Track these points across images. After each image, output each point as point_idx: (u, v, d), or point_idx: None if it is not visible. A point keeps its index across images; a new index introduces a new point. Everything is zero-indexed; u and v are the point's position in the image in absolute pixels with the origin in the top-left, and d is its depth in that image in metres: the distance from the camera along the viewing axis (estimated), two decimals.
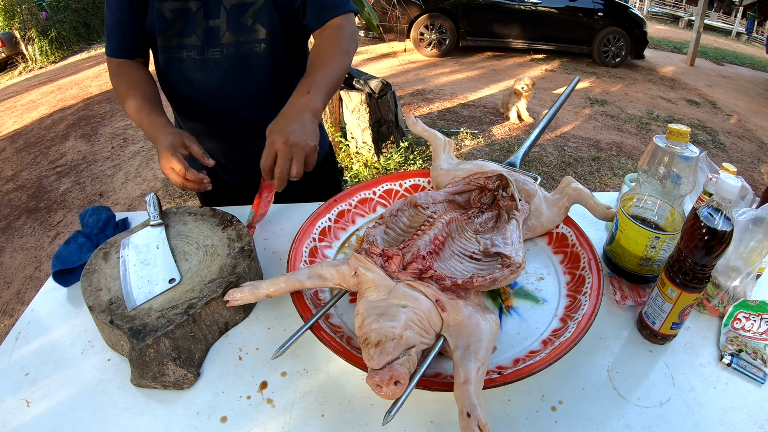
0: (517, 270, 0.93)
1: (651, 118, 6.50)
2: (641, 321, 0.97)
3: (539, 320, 0.96)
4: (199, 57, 1.32)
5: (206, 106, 1.40)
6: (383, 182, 1.29)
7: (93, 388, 0.90)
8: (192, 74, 1.34)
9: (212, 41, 1.30)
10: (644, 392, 0.87)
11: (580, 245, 1.08)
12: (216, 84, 1.35)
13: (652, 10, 19.53)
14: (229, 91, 1.37)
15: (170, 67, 1.36)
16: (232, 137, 1.47)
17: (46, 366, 0.95)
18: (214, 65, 1.32)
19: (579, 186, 1.14)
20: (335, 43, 1.29)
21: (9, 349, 1.00)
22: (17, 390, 0.91)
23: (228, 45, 1.31)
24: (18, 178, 5.09)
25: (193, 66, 1.33)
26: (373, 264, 0.87)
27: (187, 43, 1.31)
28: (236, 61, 1.33)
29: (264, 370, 0.92)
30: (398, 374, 0.69)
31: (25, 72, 10.02)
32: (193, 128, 1.47)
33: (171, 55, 1.34)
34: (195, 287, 0.97)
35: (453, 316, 0.82)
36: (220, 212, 1.20)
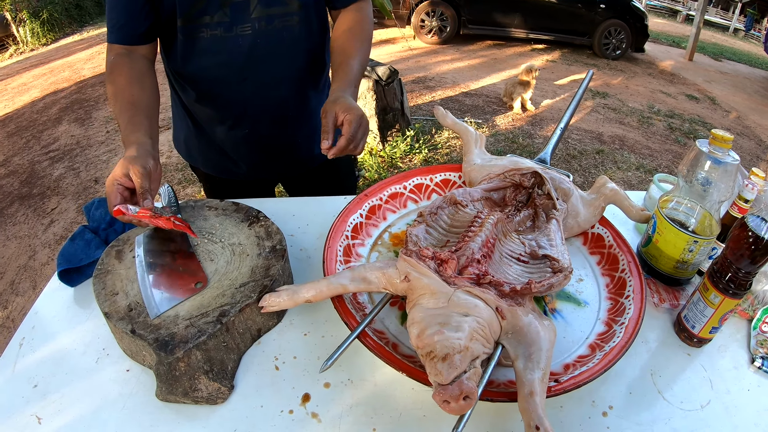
0: (570, 275, 0.89)
1: (652, 112, 6.46)
2: (680, 324, 0.96)
3: (583, 323, 0.95)
4: (226, 34, 1.22)
5: (230, 89, 1.31)
6: (414, 176, 1.24)
7: (112, 402, 0.82)
8: (216, 55, 1.25)
9: (241, 16, 1.21)
10: (686, 395, 0.86)
11: (617, 247, 1.06)
12: (244, 63, 1.26)
13: (650, 3, 19.44)
14: (259, 70, 1.28)
15: (190, 49, 1.25)
16: (255, 123, 1.38)
17: (57, 377, 0.87)
18: (243, 42, 1.23)
19: (615, 186, 1.13)
20: (363, 29, 1.28)
21: (12, 356, 0.92)
22: (26, 404, 0.83)
23: (259, 19, 1.22)
24: (9, 163, 4.96)
25: (217, 45, 1.23)
26: (427, 268, 0.81)
27: (212, 21, 1.20)
28: (268, 37, 1.24)
29: (305, 381, 0.85)
30: (468, 389, 0.66)
31: (16, 54, 9.83)
32: (210, 115, 1.39)
33: (191, 36, 1.23)
34: (225, 291, 0.89)
35: (512, 323, 0.79)
36: (244, 207, 1.12)
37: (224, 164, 1.50)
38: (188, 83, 1.33)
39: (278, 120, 1.36)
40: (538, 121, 5.70)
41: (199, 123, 1.43)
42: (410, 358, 0.82)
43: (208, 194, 1.68)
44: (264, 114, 1.36)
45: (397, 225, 1.16)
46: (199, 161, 1.54)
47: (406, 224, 1.16)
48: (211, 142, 1.45)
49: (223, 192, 1.59)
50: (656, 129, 5.94)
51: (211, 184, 1.62)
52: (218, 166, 1.51)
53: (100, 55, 8.74)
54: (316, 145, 1.37)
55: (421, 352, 0.72)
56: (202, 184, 1.69)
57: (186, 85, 1.34)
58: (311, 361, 0.87)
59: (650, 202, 1.28)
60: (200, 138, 1.46)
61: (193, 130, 1.46)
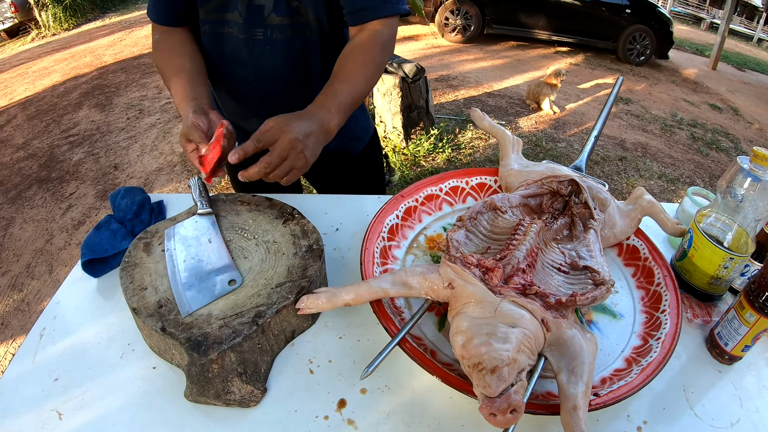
0: (611, 288, 0.86)
1: (675, 121, 6.39)
2: (712, 340, 0.94)
3: (618, 336, 0.93)
4: (240, 35, 1.22)
5: (246, 85, 1.31)
6: (450, 178, 1.21)
7: (138, 401, 0.79)
8: (233, 52, 1.25)
9: (255, 21, 1.20)
10: (717, 413, 0.84)
11: (653, 259, 1.04)
12: (257, 65, 1.26)
13: (674, 10, 19.26)
14: (270, 73, 1.28)
15: (211, 41, 1.27)
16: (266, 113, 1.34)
17: (79, 371, 0.84)
18: (255, 46, 1.23)
19: (652, 198, 1.10)
20: (369, 55, 1.16)
21: (32, 347, 0.89)
22: (46, 398, 0.80)
23: (272, 26, 1.21)
24: (29, 146, 4.99)
25: (234, 43, 1.24)
26: (472, 276, 0.79)
27: (229, 18, 1.21)
28: (280, 44, 1.23)
29: (340, 386, 0.82)
30: (516, 403, 0.64)
31: (38, 38, 9.90)
32: (230, 106, 1.40)
33: (212, 30, 1.25)
34: (261, 291, 0.86)
35: (557, 335, 0.77)
36: (279, 203, 1.09)
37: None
38: (209, 70, 1.33)
39: None
40: (561, 125, 5.64)
41: (220, 107, 1.44)
42: (449, 365, 0.80)
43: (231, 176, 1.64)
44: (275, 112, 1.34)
45: (433, 228, 1.14)
46: None
47: (441, 227, 1.14)
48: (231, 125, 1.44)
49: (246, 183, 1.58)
50: (679, 138, 5.87)
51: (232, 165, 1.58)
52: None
53: (121, 41, 8.79)
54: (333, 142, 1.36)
55: (466, 363, 0.70)
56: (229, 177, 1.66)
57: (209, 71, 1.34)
58: (347, 366, 0.84)
59: (683, 216, 1.25)
60: None
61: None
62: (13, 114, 5.87)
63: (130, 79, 6.71)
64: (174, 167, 4.35)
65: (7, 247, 3.51)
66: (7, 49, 9.42)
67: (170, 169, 4.32)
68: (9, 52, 9.14)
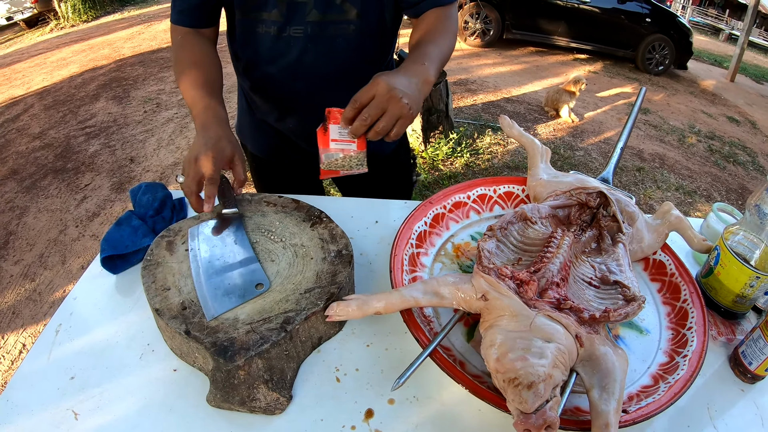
0: (643, 305, 0.85)
1: (692, 132, 6.34)
2: (736, 359, 0.93)
3: (645, 352, 0.92)
4: (279, 34, 1.20)
5: (282, 84, 1.29)
6: (477, 186, 1.20)
7: (158, 404, 0.77)
8: (270, 51, 1.23)
9: (296, 18, 1.18)
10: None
11: (679, 275, 1.04)
12: (295, 64, 1.24)
13: (693, 20, 19.16)
14: (309, 72, 1.25)
15: (246, 41, 1.25)
16: (303, 120, 1.36)
17: (96, 370, 0.82)
18: (294, 44, 1.21)
19: (680, 214, 1.09)
20: (443, 25, 1.20)
21: (48, 343, 0.87)
22: (62, 397, 0.78)
23: (313, 24, 1.18)
24: (45, 135, 5.01)
25: (271, 43, 1.22)
26: (507, 288, 0.78)
27: (267, 18, 1.19)
28: (321, 42, 1.21)
29: (368, 395, 0.80)
30: (551, 419, 0.64)
31: (57, 29, 9.98)
32: (263, 104, 1.39)
33: (248, 29, 1.23)
34: (289, 297, 0.84)
35: (589, 351, 0.76)
36: (305, 205, 1.07)
37: (273, 149, 1.49)
38: (244, 70, 1.33)
39: None
40: (579, 133, 5.61)
41: (253, 107, 1.43)
42: (478, 377, 0.79)
43: (254, 176, 1.66)
44: (313, 113, 1.31)
45: (460, 236, 1.12)
46: (248, 140, 1.54)
47: (469, 235, 1.13)
48: (261, 124, 1.45)
49: (268, 175, 1.60)
50: (696, 150, 5.82)
51: (258, 165, 1.60)
52: (266, 148, 1.51)
53: (140, 35, 8.83)
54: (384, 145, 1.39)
55: (501, 377, 0.69)
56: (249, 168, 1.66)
57: (242, 70, 1.34)
58: (374, 375, 0.82)
59: (708, 231, 1.24)
60: (251, 119, 1.47)
61: (246, 110, 1.47)
62: (30, 103, 5.90)
63: (148, 72, 6.73)
64: None
65: (21, 235, 3.52)
66: (25, 39, 9.50)
67: None
68: (27, 42, 9.22)
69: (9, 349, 2.62)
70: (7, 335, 2.71)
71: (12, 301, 2.94)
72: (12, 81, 6.90)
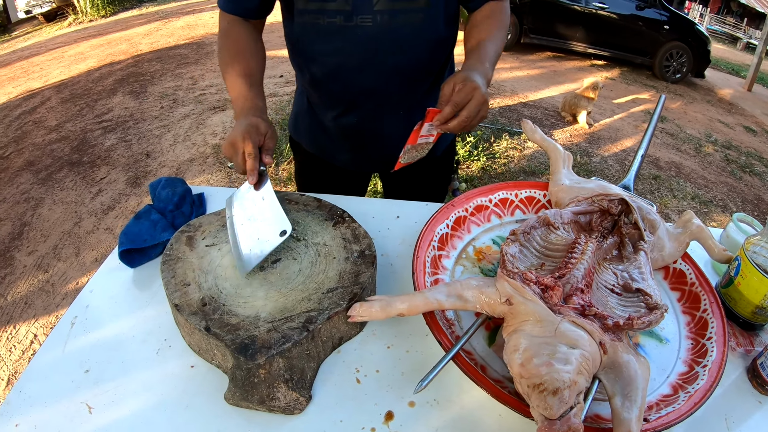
0: (665, 313, 0.84)
1: (709, 142, 6.28)
2: (754, 370, 0.92)
3: (664, 361, 0.92)
4: (346, 23, 1.18)
5: (345, 78, 1.28)
6: (499, 190, 1.19)
7: (175, 400, 0.76)
8: (334, 43, 1.21)
9: (363, 7, 1.16)
10: None
11: (699, 285, 1.03)
12: (362, 55, 1.22)
13: (711, 28, 19.05)
14: (376, 63, 1.23)
15: (306, 34, 1.24)
16: (365, 114, 1.35)
17: (112, 365, 0.82)
18: (362, 34, 1.19)
19: (701, 223, 1.08)
20: (499, 19, 1.25)
21: (63, 336, 0.87)
22: (76, 390, 0.78)
23: (382, 12, 1.16)
24: (62, 128, 5.04)
25: (336, 34, 1.20)
26: (532, 293, 0.77)
27: (331, 8, 1.17)
28: (389, 32, 1.19)
29: (388, 397, 0.79)
30: (575, 426, 0.63)
31: (75, 24, 10.07)
32: (321, 98, 1.37)
33: (310, 20, 1.21)
34: (311, 296, 0.83)
35: (612, 359, 0.75)
36: (327, 204, 1.07)
37: (327, 148, 1.48)
38: (304, 64, 1.32)
39: (389, 114, 1.31)
40: (596, 140, 5.57)
41: (311, 102, 1.42)
42: (499, 382, 0.78)
43: (301, 174, 1.65)
44: (376, 107, 1.33)
45: (481, 239, 1.11)
46: (303, 137, 1.53)
47: (490, 239, 1.12)
48: (319, 122, 1.43)
49: (316, 174, 1.59)
50: (712, 159, 5.76)
51: (308, 164, 1.59)
52: (321, 147, 1.50)
53: (158, 31, 8.88)
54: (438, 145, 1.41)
55: (525, 382, 0.68)
56: (296, 165, 1.66)
57: (302, 65, 1.33)
58: (395, 377, 0.81)
59: (728, 242, 1.23)
60: (311, 116, 1.45)
61: (305, 107, 1.45)
62: (48, 96, 5.95)
63: (165, 68, 6.77)
64: (206, 159, 4.36)
65: (35, 227, 3.54)
66: (43, 33, 9.59)
67: (202, 161, 4.33)
68: (46, 36, 9.31)
69: (20, 339, 2.64)
70: (19, 325, 2.72)
71: (25, 291, 2.96)
72: (30, 74, 6.97)
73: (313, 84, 1.34)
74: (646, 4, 8.40)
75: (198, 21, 9.60)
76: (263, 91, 1.20)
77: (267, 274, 0.88)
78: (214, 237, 0.97)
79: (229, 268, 0.89)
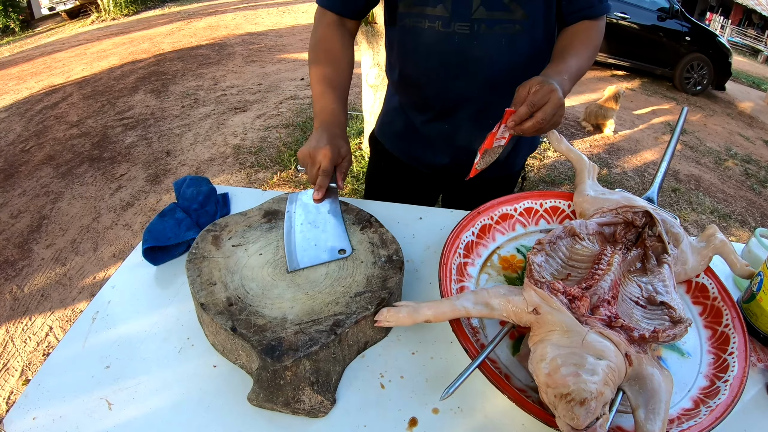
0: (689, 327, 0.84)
1: (729, 155, 6.21)
2: None
3: (686, 375, 0.91)
4: (443, 29, 1.19)
5: (440, 83, 1.28)
6: (524, 199, 1.19)
7: (196, 400, 0.76)
8: (432, 47, 1.23)
9: (462, 14, 1.17)
10: None
11: (722, 300, 1.02)
12: (458, 61, 1.23)
13: (732, 40, 18.87)
14: (471, 70, 1.24)
15: (406, 37, 1.25)
16: (457, 121, 1.36)
17: (133, 362, 0.82)
18: (460, 40, 1.20)
19: (725, 238, 1.07)
20: (589, 36, 1.23)
21: (84, 330, 0.87)
22: (96, 385, 0.78)
23: (480, 21, 1.17)
24: (83, 124, 5.10)
25: (434, 38, 1.21)
26: (560, 303, 0.77)
27: (431, 12, 1.19)
28: (486, 41, 1.20)
29: (412, 403, 0.78)
30: None
31: (98, 21, 10.20)
32: (413, 101, 1.39)
33: (410, 24, 1.23)
34: (339, 299, 0.83)
35: (637, 371, 0.75)
36: (355, 208, 1.07)
37: (412, 150, 1.48)
38: (400, 66, 1.33)
39: (481, 124, 1.30)
40: (615, 151, 5.53)
41: (402, 104, 1.43)
42: (523, 391, 0.78)
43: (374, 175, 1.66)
44: (469, 115, 1.33)
45: (506, 248, 1.11)
46: (387, 139, 1.54)
47: (515, 248, 1.12)
48: (409, 124, 1.43)
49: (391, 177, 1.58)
50: (732, 173, 5.70)
51: (384, 165, 1.59)
52: (405, 149, 1.50)
53: (180, 31, 8.95)
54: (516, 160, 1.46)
55: (552, 392, 0.68)
56: (370, 165, 1.67)
57: (397, 66, 1.34)
58: (419, 383, 0.80)
59: (750, 257, 1.21)
60: (400, 117, 1.45)
61: (396, 107, 1.46)
62: (69, 92, 6.03)
63: (187, 68, 6.82)
64: (226, 159, 4.38)
65: (54, 220, 3.58)
66: (66, 30, 9.71)
67: (222, 161, 4.36)
68: (68, 33, 9.43)
69: (36, 330, 2.66)
70: (35, 317, 2.75)
71: (42, 284, 2.99)
72: (52, 69, 7.06)
73: (408, 86, 1.36)
74: (667, 15, 8.33)
75: (220, 22, 9.68)
76: (347, 104, 1.22)
77: (294, 276, 0.88)
78: (240, 237, 0.97)
79: (256, 268, 0.89)
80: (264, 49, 7.66)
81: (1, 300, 2.89)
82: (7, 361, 2.50)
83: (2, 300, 2.89)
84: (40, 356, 2.50)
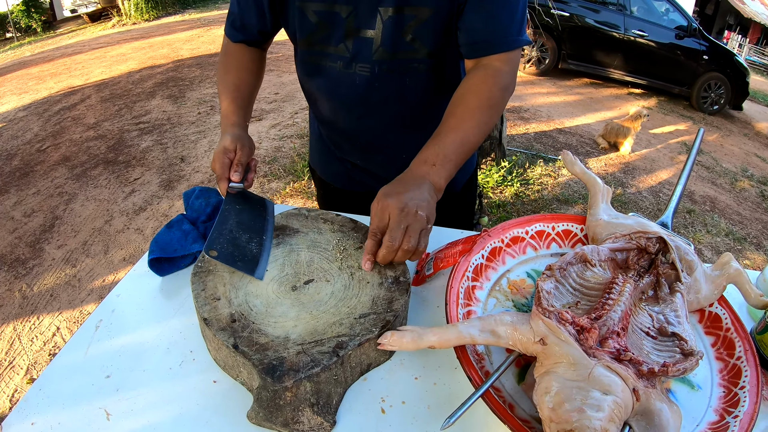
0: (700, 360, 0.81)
1: (745, 176, 6.15)
2: None
3: (695, 408, 0.88)
4: (344, 70, 1.15)
5: (344, 121, 1.27)
6: (536, 222, 1.17)
7: (195, 415, 0.75)
8: (335, 86, 1.19)
9: (362, 55, 1.13)
10: None
11: (735, 331, 0.99)
12: (360, 101, 1.19)
13: (749, 59, 18.72)
14: (375, 110, 1.21)
15: (310, 74, 1.23)
16: (368, 155, 1.35)
17: (133, 373, 0.81)
18: (360, 82, 1.16)
19: (740, 267, 1.04)
20: (484, 97, 1.07)
21: (87, 338, 0.87)
22: (96, 395, 0.77)
23: (381, 62, 1.13)
24: (99, 127, 5.15)
25: (336, 78, 1.18)
26: (568, 335, 0.75)
27: (332, 52, 1.14)
28: (388, 81, 1.16)
29: (412, 430, 0.77)
30: None
31: (118, 25, 10.32)
32: (329, 136, 1.39)
33: (312, 61, 1.20)
34: (343, 320, 0.81)
35: (645, 406, 0.73)
36: (363, 226, 1.05)
37: (340, 176, 1.47)
38: (310, 100, 1.33)
39: (393, 158, 1.26)
40: (631, 170, 5.49)
41: (321, 135, 1.43)
42: (526, 422, 0.76)
43: (321, 202, 1.64)
44: (377, 151, 1.32)
45: (516, 272, 1.09)
46: (317, 166, 1.54)
47: (525, 272, 1.10)
48: (330, 152, 1.43)
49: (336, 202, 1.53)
50: (748, 195, 5.63)
51: (326, 191, 1.58)
52: (334, 176, 1.49)
53: (199, 38, 9.04)
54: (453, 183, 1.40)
55: (555, 426, 0.67)
56: (316, 191, 1.65)
57: (309, 101, 1.34)
58: (421, 410, 0.79)
59: (764, 285, 1.18)
60: (321, 146, 1.45)
61: (317, 137, 1.46)
62: (88, 94, 6.09)
63: (205, 75, 6.88)
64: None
65: (67, 221, 3.61)
66: (87, 32, 9.84)
67: None
68: (89, 35, 9.55)
69: (43, 330, 2.68)
70: (43, 316, 2.76)
71: (51, 284, 3.01)
72: (72, 71, 7.15)
73: (320, 119, 1.36)
74: (685, 34, 8.29)
75: None
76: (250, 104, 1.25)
77: (299, 294, 0.87)
78: None
79: (260, 284, 0.88)
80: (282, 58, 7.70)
81: (11, 298, 2.91)
82: (13, 359, 2.51)
83: (11, 298, 2.91)
84: (46, 356, 2.51)
